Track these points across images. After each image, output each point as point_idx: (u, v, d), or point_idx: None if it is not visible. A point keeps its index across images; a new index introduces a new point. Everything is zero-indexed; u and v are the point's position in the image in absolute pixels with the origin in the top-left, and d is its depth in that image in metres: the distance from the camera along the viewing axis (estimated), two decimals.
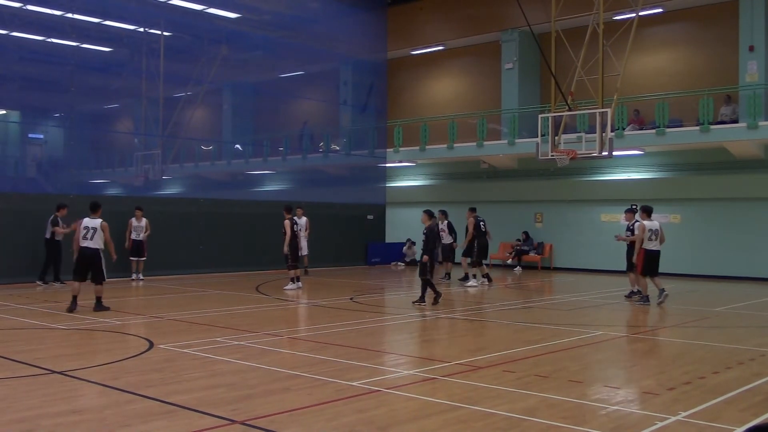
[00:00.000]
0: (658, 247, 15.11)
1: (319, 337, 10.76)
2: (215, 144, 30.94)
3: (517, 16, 22.56)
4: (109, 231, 13.34)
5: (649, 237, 14.96)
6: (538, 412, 6.58)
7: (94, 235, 13.17)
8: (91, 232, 13.17)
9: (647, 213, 15.29)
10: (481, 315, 13.93)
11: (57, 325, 11.74)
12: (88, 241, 13.14)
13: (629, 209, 16.88)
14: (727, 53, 23.19)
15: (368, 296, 16.84)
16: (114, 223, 20.12)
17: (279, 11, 28.25)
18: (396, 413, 6.60)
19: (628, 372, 8.82)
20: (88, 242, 13.14)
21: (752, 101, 20.87)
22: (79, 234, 13.23)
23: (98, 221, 13.29)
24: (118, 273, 19.92)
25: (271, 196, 29.55)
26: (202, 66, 26.29)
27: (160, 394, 7.09)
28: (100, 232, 13.19)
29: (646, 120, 23.64)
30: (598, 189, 25.16)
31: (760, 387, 7.72)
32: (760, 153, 21.90)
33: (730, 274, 22.32)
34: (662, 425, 6.21)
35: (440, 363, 8.90)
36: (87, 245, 13.14)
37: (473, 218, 19.67)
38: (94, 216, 13.38)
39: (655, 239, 15.00)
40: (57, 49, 23.73)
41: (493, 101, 28.24)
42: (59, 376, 7.98)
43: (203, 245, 22.31)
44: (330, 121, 30.93)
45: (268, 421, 6.23)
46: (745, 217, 22.36)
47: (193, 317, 12.74)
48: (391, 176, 30.21)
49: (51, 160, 27.25)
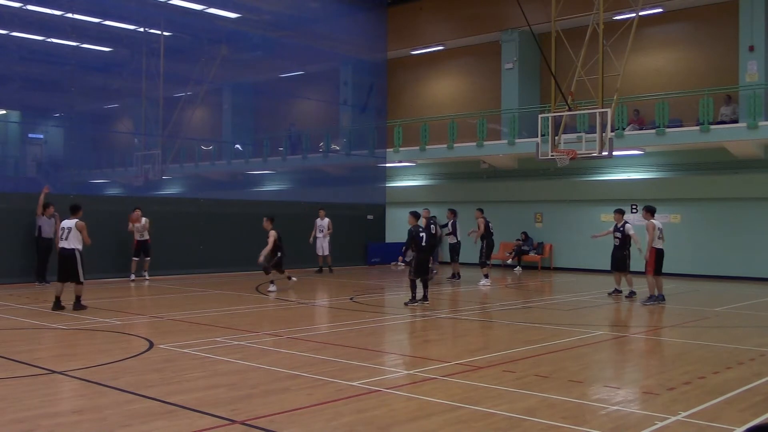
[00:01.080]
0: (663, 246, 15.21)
1: (318, 337, 10.76)
2: (215, 144, 30.94)
3: (517, 16, 22.55)
4: (86, 231, 13.35)
5: (658, 236, 15.08)
6: (538, 412, 6.58)
7: (69, 235, 13.19)
8: (66, 232, 13.22)
9: (651, 213, 15.41)
10: (481, 315, 13.93)
11: (57, 325, 11.75)
12: (63, 242, 13.24)
13: (618, 210, 17.03)
14: (727, 53, 23.19)
15: (368, 296, 16.84)
16: (114, 222, 20.24)
17: (279, 11, 28.23)
18: (396, 413, 6.60)
19: (628, 372, 8.82)
20: (63, 243, 13.24)
21: (752, 101, 20.88)
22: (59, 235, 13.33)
23: (73, 221, 13.30)
24: (119, 273, 20.00)
25: (271, 196, 29.55)
26: (202, 66, 26.28)
27: (160, 394, 7.09)
28: (76, 232, 13.20)
29: (646, 120, 23.65)
30: (598, 189, 25.16)
31: (760, 387, 7.73)
32: (760, 153, 21.90)
33: (731, 274, 22.31)
34: (662, 425, 6.22)
35: (440, 363, 8.90)
36: (63, 246, 13.24)
37: (483, 219, 19.74)
38: (72, 217, 13.42)
39: (662, 238, 15.14)
40: (57, 49, 23.71)
41: (493, 101, 28.24)
42: (59, 376, 7.98)
43: (203, 245, 22.31)
44: (330, 121, 30.93)
45: (268, 421, 6.23)
46: (745, 217, 22.36)
47: (194, 317, 12.74)
48: (391, 176, 30.20)
49: (51, 160, 27.24)
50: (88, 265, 19.45)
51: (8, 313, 13.22)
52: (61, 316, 12.75)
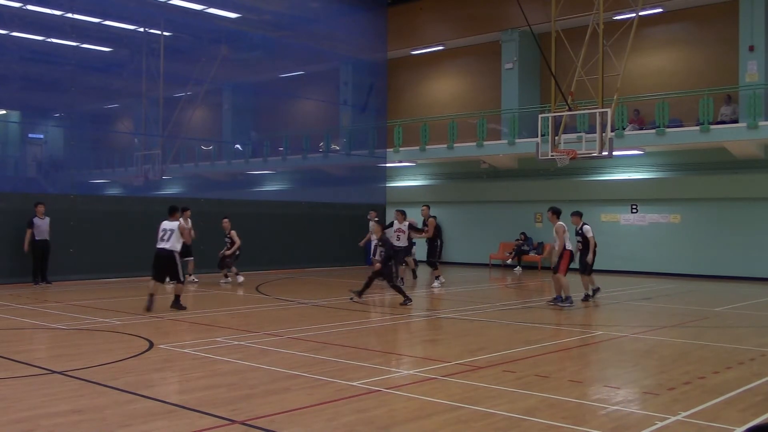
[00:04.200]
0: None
1: (318, 337, 10.76)
2: (215, 144, 30.94)
3: (517, 16, 22.55)
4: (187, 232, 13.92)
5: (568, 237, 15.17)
6: (538, 412, 6.58)
7: (171, 237, 13.30)
8: (168, 234, 13.33)
9: (557, 215, 15.42)
10: (481, 315, 13.93)
11: (57, 325, 11.75)
12: (164, 243, 13.29)
13: (575, 213, 16.35)
14: (727, 53, 23.19)
15: (368, 296, 16.83)
16: (113, 222, 20.25)
17: (279, 11, 28.23)
18: (396, 413, 6.60)
19: (628, 372, 8.82)
20: (164, 244, 13.28)
21: (752, 101, 20.88)
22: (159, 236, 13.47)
23: (175, 224, 13.47)
24: (121, 273, 19.99)
25: (271, 196, 29.55)
26: (202, 66, 26.27)
27: (161, 394, 7.09)
28: (178, 234, 13.35)
29: (646, 120, 23.65)
30: (598, 189, 25.16)
31: (760, 387, 7.73)
32: (760, 153, 21.90)
33: (730, 274, 22.31)
34: (662, 425, 6.22)
35: (440, 363, 8.90)
36: (163, 246, 13.27)
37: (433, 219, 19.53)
38: (171, 219, 13.59)
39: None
40: (57, 49, 23.72)
41: (493, 101, 28.23)
42: (59, 376, 7.98)
43: (203, 245, 22.29)
44: (330, 121, 30.93)
45: (268, 421, 6.23)
46: (745, 217, 22.36)
47: (193, 317, 12.74)
48: (392, 176, 30.20)
49: (51, 160, 27.28)
50: (89, 265, 19.66)
51: (8, 313, 13.22)
52: (61, 316, 12.75)
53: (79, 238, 19.60)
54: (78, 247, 19.55)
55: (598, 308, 15.04)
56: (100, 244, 20.01)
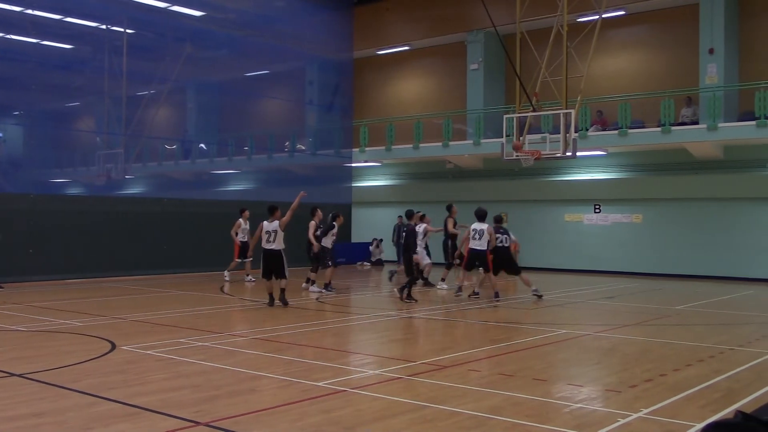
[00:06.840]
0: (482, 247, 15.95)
1: (284, 338, 10.71)
2: (179, 143, 30.62)
3: (482, 17, 22.63)
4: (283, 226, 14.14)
5: (472, 236, 15.98)
6: (503, 411, 6.62)
7: (276, 237, 13.95)
8: (272, 236, 14.06)
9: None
10: (446, 314, 13.98)
11: (16, 327, 11.53)
12: (271, 244, 14.05)
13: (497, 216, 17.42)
14: (688, 56, 23.58)
15: (334, 296, 16.80)
16: (74, 222, 19.92)
17: (244, 9, 28.03)
18: (362, 413, 6.60)
19: (591, 370, 8.92)
20: (271, 245, 14.05)
21: (712, 103, 21.26)
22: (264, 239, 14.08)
23: (276, 224, 13.97)
24: (83, 274, 19.69)
25: (236, 196, 29.32)
26: (166, 64, 25.97)
27: (123, 396, 7.00)
28: (281, 234, 13.95)
29: (609, 121, 23.95)
30: (562, 189, 25.42)
31: (719, 383, 7.87)
32: (719, 154, 22.31)
33: (692, 273, 22.68)
34: (624, 422, 6.30)
35: (406, 362, 8.91)
36: (270, 248, 14.05)
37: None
38: (272, 219, 14.08)
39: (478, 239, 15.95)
40: (17, 46, 23.30)
41: (458, 101, 28.36)
42: (18, 378, 7.83)
43: (167, 245, 22.07)
44: (296, 121, 30.80)
45: (232, 423, 6.18)
46: (705, 217, 22.76)
47: (157, 318, 12.59)
48: (357, 176, 30.18)
49: (10, 158, 26.74)
50: (48, 265, 19.31)
51: None
52: (19, 317, 12.51)
53: (38, 239, 19.24)
54: (37, 247, 19.17)
55: (562, 307, 15.19)
56: (61, 245, 19.67)
